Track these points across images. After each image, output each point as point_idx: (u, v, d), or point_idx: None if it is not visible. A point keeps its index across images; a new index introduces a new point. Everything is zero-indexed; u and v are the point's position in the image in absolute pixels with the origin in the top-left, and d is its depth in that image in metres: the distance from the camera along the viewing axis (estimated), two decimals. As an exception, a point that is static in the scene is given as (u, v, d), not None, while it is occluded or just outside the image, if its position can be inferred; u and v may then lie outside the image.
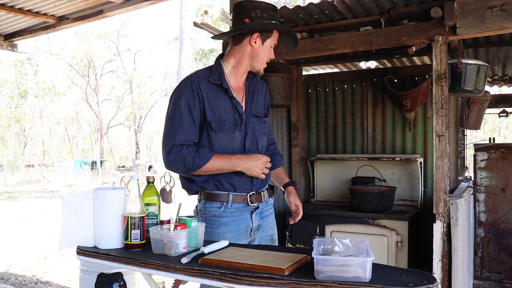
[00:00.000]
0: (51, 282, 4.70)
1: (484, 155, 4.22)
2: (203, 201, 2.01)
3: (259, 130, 2.08)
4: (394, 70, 3.90)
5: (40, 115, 29.31)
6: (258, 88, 2.12)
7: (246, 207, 2.01)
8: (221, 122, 1.95)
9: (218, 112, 1.95)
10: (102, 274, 2.81)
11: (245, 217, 2.01)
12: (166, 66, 36.44)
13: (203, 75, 1.98)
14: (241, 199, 2.00)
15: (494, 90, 6.02)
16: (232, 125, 1.97)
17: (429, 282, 1.26)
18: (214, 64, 2.03)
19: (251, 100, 2.06)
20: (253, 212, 2.04)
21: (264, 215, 2.10)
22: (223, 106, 1.97)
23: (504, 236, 4.15)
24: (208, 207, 1.99)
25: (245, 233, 2.02)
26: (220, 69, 2.00)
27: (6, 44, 4.33)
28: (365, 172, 3.73)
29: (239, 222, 2.00)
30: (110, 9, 3.56)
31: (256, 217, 2.05)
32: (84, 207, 1.78)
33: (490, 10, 2.41)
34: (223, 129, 1.95)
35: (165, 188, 2.06)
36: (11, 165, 24.30)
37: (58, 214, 9.82)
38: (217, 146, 1.95)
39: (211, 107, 1.94)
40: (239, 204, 2.00)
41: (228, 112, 1.97)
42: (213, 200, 1.98)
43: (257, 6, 1.94)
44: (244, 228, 2.01)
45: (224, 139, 1.96)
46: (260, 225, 2.08)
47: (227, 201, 1.97)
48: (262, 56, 1.99)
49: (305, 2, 10.58)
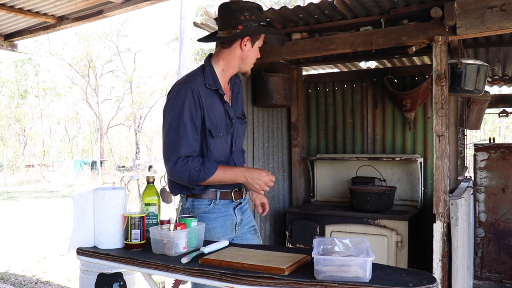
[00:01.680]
0: (51, 282, 4.70)
1: (484, 155, 4.22)
2: (190, 199, 2.02)
3: (240, 131, 2.12)
4: (394, 70, 3.90)
5: (40, 115, 29.30)
6: (240, 89, 2.16)
7: (230, 203, 2.06)
8: (217, 128, 1.96)
9: (214, 118, 1.96)
10: (102, 274, 2.81)
11: (229, 213, 2.05)
12: (166, 66, 36.44)
13: (199, 81, 1.95)
14: (227, 195, 2.04)
15: (494, 90, 6.02)
16: (225, 130, 1.99)
17: (429, 282, 1.26)
18: (206, 67, 1.99)
19: (236, 102, 2.10)
20: (235, 208, 2.08)
21: (244, 210, 2.15)
22: (218, 111, 1.97)
23: (504, 236, 4.15)
24: (197, 205, 2.01)
25: (230, 228, 2.06)
26: (213, 72, 1.99)
27: (6, 44, 4.33)
28: (365, 172, 3.73)
29: (225, 218, 2.04)
30: (110, 9, 3.55)
31: (239, 212, 2.10)
32: (87, 207, 1.78)
33: (490, 10, 2.41)
34: (219, 135, 1.97)
35: (165, 188, 2.07)
36: (11, 165, 24.30)
37: (60, 215, 9.82)
38: (214, 152, 1.97)
39: (209, 114, 1.94)
40: (225, 200, 2.04)
41: (221, 117, 1.98)
42: (201, 197, 2.00)
43: (243, 7, 1.93)
44: (230, 223, 2.05)
45: (219, 144, 1.99)
46: (242, 219, 2.13)
47: (215, 198, 2.01)
48: (251, 58, 2.00)
49: (305, 2, 10.58)
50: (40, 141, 29.94)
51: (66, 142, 34.03)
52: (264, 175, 1.97)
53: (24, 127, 28.46)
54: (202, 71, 1.99)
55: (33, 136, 29.52)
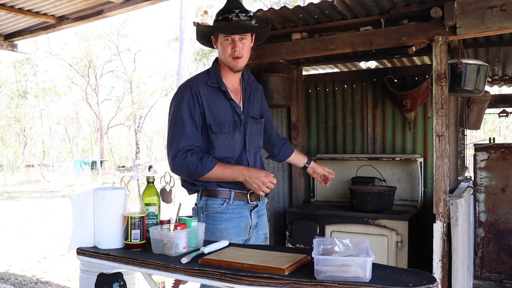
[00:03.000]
0: (51, 282, 4.70)
1: (484, 155, 4.22)
2: (204, 198, 2.04)
3: (255, 131, 2.14)
4: (394, 70, 3.90)
5: (40, 115, 29.29)
6: (253, 90, 2.18)
7: (246, 204, 2.06)
8: (221, 124, 2.00)
9: (218, 114, 2.01)
10: (102, 274, 2.81)
11: (245, 215, 2.06)
12: (166, 66, 36.39)
13: (201, 79, 2.04)
14: (242, 196, 2.05)
15: (494, 90, 6.01)
16: (232, 127, 2.02)
17: (429, 282, 1.26)
18: (211, 67, 2.11)
19: (248, 101, 2.13)
20: (252, 210, 2.08)
21: (261, 214, 2.16)
22: (222, 108, 2.02)
23: (504, 236, 4.15)
24: (210, 204, 2.03)
25: (244, 230, 2.06)
26: (217, 72, 2.07)
27: (6, 44, 4.33)
28: (365, 172, 3.73)
29: (240, 219, 2.04)
30: (110, 9, 3.56)
31: (255, 215, 2.10)
32: (87, 207, 1.78)
33: (490, 10, 2.41)
34: (223, 131, 2.00)
35: (165, 188, 2.07)
36: (11, 165, 24.29)
37: (60, 215, 9.82)
38: (219, 148, 2.01)
39: (211, 110, 2.00)
40: (240, 201, 2.05)
41: (227, 114, 2.03)
42: (215, 197, 2.02)
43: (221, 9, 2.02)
44: (244, 225, 2.06)
45: (225, 140, 2.01)
46: (258, 223, 2.13)
47: (229, 198, 2.02)
48: (222, 54, 2.04)
49: (305, 2, 10.58)
50: (40, 141, 29.93)
51: (66, 142, 34.02)
52: (262, 176, 1.98)
53: (24, 127, 28.46)
54: (207, 71, 2.10)
55: (33, 136, 29.52)
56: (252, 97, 2.15)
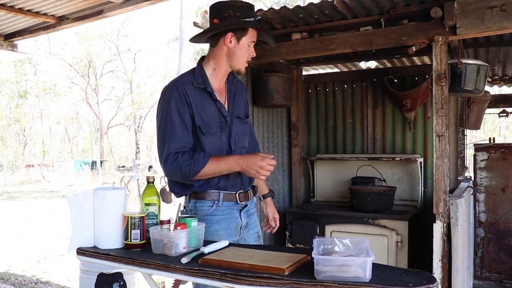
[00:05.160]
0: (51, 282, 4.70)
1: (484, 155, 4.22)
2: (193, 201, 2.01)
3: (240, 131, 2.09)
4: (394, 70, 3.90)
5: (40, 115, 29.29)
6: (238, 90, 2.13)
7: (235, 205, 2.03)
8: (209, 125, 1.95)
9: (205, 115, 1.95)
10: (102, 274, 2.82)
11: (234, 215, 2.03)
12: (166, 66, 36.40)
13: (187, 79, 1.97)
14: (230, 197, 2.01)
15: (494, 90, 6.02)
16: (218, 128, 1.98)
17: (429, 282, 1.26)
18: (196, 67, 2.03)
19: (233, 102, 2.08)
20: (241, 210, 2.06)
21: (250, 213, 2.13)
22: (209, 109, 1.97)
23: (504, 236, 4.15)
24: (199, 206, 1.99)
25: (235, 231, 2.04)
26: (202, 72, 2.00)
27: (6, 44, 4.32)
28: (365, 172, 3.73)
29: (229, 220, 2.01)
30: (110, 9, 3.55)
31: (244, 215, 2.07)
32: (86, 207, 1.78)
33: (490, 10, 2.41)
34: (211, 133, 1.96)
35: (165, 188, 2.07)
36: (11, 165, 24.29)
37: (60, 215, 9.81)
38: (208, 149, 1.96)
39: (199, 111, 1.94)
40: (229, 202, 2.01)
41: (214, 115, 1.98)
42: (204, 199, 1.99)
43: (230, 6, 1.93)
44: (234, 226, 2.03)
45: (213, 141, 1.97)
46: (248, 223, 2.11)
47: (218, 200, 1.99)
48: (239, 55, 1.98)
49: (305, 2, 10.58)
50: (40, 141, 29.93)
51: (66, 142, 34.03)
52: (259, 160, 1.89)
53: (24, 127, 28.45)
54: (192, 71, 2.02)
55: (33, 136, 29.52)
56: (237, 97, 2.10)
